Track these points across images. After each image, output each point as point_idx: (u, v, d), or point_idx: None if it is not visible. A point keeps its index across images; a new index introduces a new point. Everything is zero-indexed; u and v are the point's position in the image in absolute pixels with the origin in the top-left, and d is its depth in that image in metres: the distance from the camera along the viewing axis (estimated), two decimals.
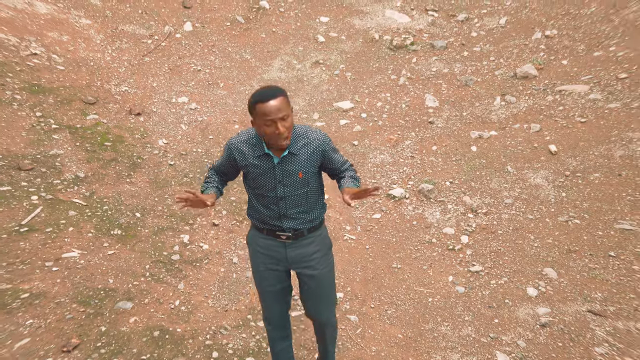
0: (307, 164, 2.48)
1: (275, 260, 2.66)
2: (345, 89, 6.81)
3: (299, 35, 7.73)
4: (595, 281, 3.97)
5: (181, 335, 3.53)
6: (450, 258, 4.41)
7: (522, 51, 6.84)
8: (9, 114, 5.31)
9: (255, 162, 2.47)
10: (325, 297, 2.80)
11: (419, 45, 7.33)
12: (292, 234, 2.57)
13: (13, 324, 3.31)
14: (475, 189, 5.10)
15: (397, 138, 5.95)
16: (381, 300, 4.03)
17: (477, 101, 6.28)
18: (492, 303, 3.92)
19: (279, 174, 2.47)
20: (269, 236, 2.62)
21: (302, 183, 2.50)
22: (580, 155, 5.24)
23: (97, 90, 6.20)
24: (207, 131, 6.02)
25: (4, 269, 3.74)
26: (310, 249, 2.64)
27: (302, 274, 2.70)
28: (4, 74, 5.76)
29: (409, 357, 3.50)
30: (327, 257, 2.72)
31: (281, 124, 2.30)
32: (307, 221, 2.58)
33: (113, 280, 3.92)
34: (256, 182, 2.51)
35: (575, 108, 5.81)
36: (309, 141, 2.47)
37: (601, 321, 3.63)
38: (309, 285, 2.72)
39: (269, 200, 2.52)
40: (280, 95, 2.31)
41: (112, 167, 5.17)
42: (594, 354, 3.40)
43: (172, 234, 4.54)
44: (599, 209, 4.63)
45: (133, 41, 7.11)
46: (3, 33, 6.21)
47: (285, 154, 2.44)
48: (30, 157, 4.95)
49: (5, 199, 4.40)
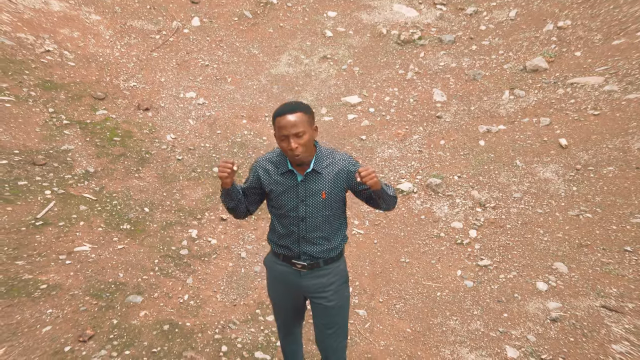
0: (331, 185, 2.40)
1: (290, 287, 2.61)
2: (353, 84, 6.80)
3: (307, 30, 7.71)
4: (609, 276, 3.93)
5: (190, 329, 3.55)
6: (459, 252, 4.40)
7: (533, 44, 6.78)
8: (25, 111, 5.40)
9: (279, 179, 2.43)
10: (334, 331, 2.66)
11: (426, 40, 7.30)
12: (307, 264, 2.50)
13: (37, 312, 3.43)
14: (483, 183, 5.08)
15: (405, 132, 5.94)
16: (390, 295, 4.03)
17: (486, 95, 6.25)
18: (501, 297, 3.91)
19: (302, 193, 2.41)
20: (285, 263, 2.56)
21: (324, 205, 2.42)
22: (592, 148, 5.17)
23: (106, 85, 6.23)
24: (215, 126, 6.04)
25: (24, 260, 3.85)
26: (325, 280, 2.55)
27: (315, 302, 2.62)
28: (21, 72, 5.85)
29: (417, 351, 3.50)
30: (342, 290, 2.62)
31: (295, 140, 2.26)
32: (325, 250, 2.50)
33: (123, 274, 3.95)
34: (279, 200, 2.45)
35: (588, 101, 5.73)
36: (334, 161, 2.41)
37: (618, 318, 3.58)
38: (320, 316, 2.65)
39: (290, 221, 2.46)
40: (299, 111, 2.27)
41: (121, 162, 5.20)
42: (611, 351, 3.35)
43: (180, 228, 4.56)
44: (612, 202, 4.57)
45: (141, 36, 7.13)
46: (23, 33, 6.33)
47: (309, 170, 2.38)
48: (44, 152, 5.01)
49: (22, 193, 4.49)
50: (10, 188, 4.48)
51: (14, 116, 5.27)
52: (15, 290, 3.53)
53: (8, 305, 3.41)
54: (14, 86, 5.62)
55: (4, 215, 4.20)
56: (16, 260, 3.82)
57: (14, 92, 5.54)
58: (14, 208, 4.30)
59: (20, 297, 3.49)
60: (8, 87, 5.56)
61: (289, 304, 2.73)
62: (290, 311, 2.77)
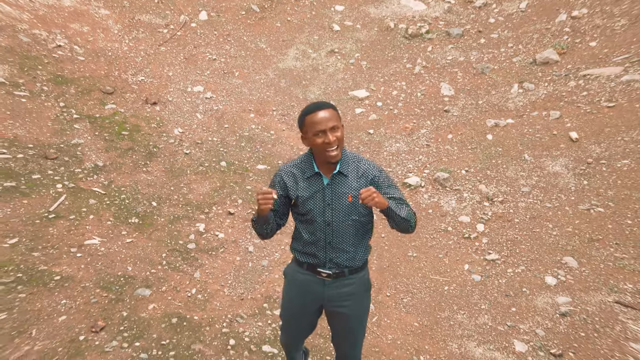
0: (357, 188, 2.39)
1: (311, 297, 2.58)
2: (361, 78, 6.78)
3: (314, 24, 7.69)
4: (623, 272, 3.88)
5: (198, 322, 3.57)
6: (466, 246, 4.39)
7: (543, 36, 6.69)
8: (38, 105, 5.48)
9: (305, 185, 2.42)
10: (352, 337, 2.70)
11: (434, 34, 7.25)
12: (332, 272, 2.49)
13: (53, 301, 3.52)
14: (491, 177, 5.05)
15: (413, 126, 5.91)
16: (397, 289, 4.03)
17: (494, 89, 6.20)
18: (509, 291, 3.90)
19: (329, 196, 2.40)
20: (309, 271, 2.53)
21: (350, 208, 2.40)
22: (605, 141, 5.08)
23: (114, 80, 6.25)
24: (223, 120, 6.04)
25: (39, 251, 3.93)
26: (349, 290, 2.54)
27: (335, 312, 2.61)
28: (35, 67, 5.93)
29: (425, 345, 3.50)
30: (364, 298, 2.63)
31: (332, 133, 2.27)
32: (351, 258, 2.49)
33: (132, 267, 3.98)
34: (305, 206, 2.43)
35: (602, 92, 5.61)
36: (359, 165, 2.43)
37: (635, 315, 3.52)
38: (338, 323, 2.66)
39: (317, 227, 2.43)
40: (329, 107, 2.30)
41: (129, 156, 5.23)
42: (629, 349, 3.29)
43: (187, 222, 4.58)
44: (627, 196, 4.50)
45: (149, 31, 7.15)
46: (38, 29, 6.40)
47: (335, 171, 2.38)
48: (55, 146, 5.08)
49: (36, 186, 4.56)
50: (25, 181, 4.57)
51: (29, 111, 5.35)
52: (34, 280, 3.65)
53: (30, 292, 3.54)
54: (28, 81, 5.71)
55: (21, 207, 4.29)
56: (32, 251, 3.91)
57: (28, 88, 5.63)
58: (29, 201, 4.38)
59: (38, 286, 3.61)
60: (24, 83, 5.67)
61: (303, 319, 2.69)
62: (303, 326, 2.75)
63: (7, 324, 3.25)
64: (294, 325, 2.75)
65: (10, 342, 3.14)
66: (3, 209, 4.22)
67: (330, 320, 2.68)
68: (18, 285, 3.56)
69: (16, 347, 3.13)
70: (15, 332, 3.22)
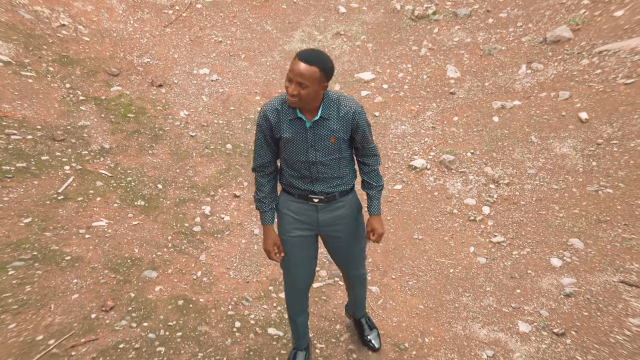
0: (339, 130, 2.45)
1: (306, 225, 2.67)
2: (367, 60, 6.72)
3: (320, 6, 7.61)
4: (630, 252, 3.85)
5: (204, 305, 3.60)
6: (472, 229, 4.38)
7: (557, 12, 6.49)
8: (44, 86, 5.48)
9: (287, 126, 2.45)
10: (352, 256, 2.86)
11: (441, 14, 7.15)
12: (324, 197, 2.60)
13: (66, 280, 3.57)
14: (497, 159, 5.02)
15: (418, 109, 5.87)
16: (402, 272, 4.04)
17: (501, 71, 6.13)
18: (514, 274, 3.90)
19: (311, 138, 2.45)
20: (301, 199, 2.63)
21: (333, 149, 2.49)
22: (619, 120, 4.94)
23: (120, 61, 6.23)
24: (228, 102, 6.03)
25: (51, 232, 3.97)
26: (342, 212, 2.67)
27: (330, 236, 2.74)
28: (40, 47, 5.92)
29: (430, 327, 3.52)
30: (357, 219, 2.76)
31: (296, 87, 2.29)
32: (339, 185, 2.61)
33: (138, 249, 4.01)
34: (288, 147, 2.49)
35: (620, 68, 5.39)
36: (340, 107, 2.45)
37: (639, 293, 3.52)
38: (337, 246, 2.78)
39: (302, 166, 2.52)
40: (315, 66, 2.26)
41: (135, 139, 5.23)
42: (627, 324, 3.31)
43: (193, 205, 4.60)
44: (639, 177, 4.46)
45: (154, 11, 7.10)
46: (39, 6, 6.37)
47: (317, 118, 2.42)
48: (62, 128, 5.10)
49: (45, 167, 4.60)
50: (35, 163, 4.60)
51: (36, 92, 5.35)
52: (48, 259, 3.71)
53: (45, 270, 3.61)
54: (34, 62, 5.70)
55: (32, 188, 4.34)
56: (44, 231, 3.95)
57: (34, 68, 5.62)
58: (39, 182, 4.42)
59: (52, 265, 3.67)
60: (30, 63, 5.66)
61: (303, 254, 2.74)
62: (304, 265, 2.78)
63: (33, 296, 3.37)
64: (294, 266, 2.77)
65: (37, 312, 3.28)
66: (17, 189, 4.28)
67: (329, 246, 2.82)
68: (35, 263, 3.64)
69: (42, 317, 3.25)
70: (39, 304, 3.34)
